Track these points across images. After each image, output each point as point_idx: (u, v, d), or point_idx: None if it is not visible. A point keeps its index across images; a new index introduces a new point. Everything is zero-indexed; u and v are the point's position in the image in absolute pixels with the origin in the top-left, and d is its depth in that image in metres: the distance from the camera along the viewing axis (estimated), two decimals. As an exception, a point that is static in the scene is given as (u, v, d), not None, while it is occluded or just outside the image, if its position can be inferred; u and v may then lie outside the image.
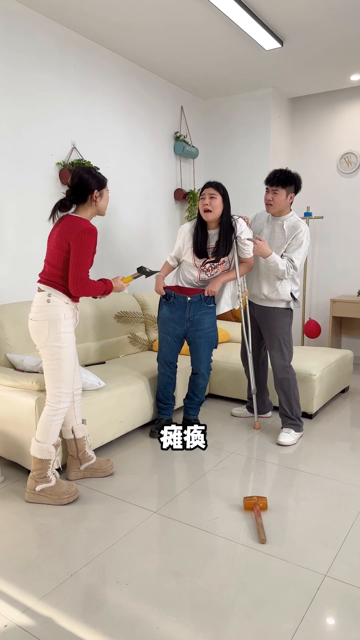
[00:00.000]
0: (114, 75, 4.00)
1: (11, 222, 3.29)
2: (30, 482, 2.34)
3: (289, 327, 3.04)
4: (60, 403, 2.31)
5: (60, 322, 2.25)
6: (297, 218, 2.94)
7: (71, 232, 2.21)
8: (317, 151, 5.14)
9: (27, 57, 3.28)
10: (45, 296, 2.26)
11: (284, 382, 3.01)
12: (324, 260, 5.23)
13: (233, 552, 1.96)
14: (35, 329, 2.27)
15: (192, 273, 2.99)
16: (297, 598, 1.70)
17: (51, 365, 2.28)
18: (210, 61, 4.11)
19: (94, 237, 2.24)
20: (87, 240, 2.21)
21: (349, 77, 4.51)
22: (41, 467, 2.31)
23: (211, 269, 2.96)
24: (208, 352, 3.08)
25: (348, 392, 4.14)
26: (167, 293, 3.00)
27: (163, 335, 3.05)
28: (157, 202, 4.61)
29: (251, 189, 4.99)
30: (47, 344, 2.26)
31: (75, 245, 2.20)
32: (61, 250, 2.24)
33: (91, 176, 2.29)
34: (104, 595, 1.72)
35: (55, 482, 2.34)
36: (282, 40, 3.72)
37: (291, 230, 2.91)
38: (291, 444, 3.00)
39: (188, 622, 1.60)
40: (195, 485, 2.52)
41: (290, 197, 2.90)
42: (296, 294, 3.03)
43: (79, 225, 2.21)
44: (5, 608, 1.66)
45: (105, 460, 2.61)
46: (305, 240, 2.89)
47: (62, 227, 2.25)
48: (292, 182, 2.87)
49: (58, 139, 3.56)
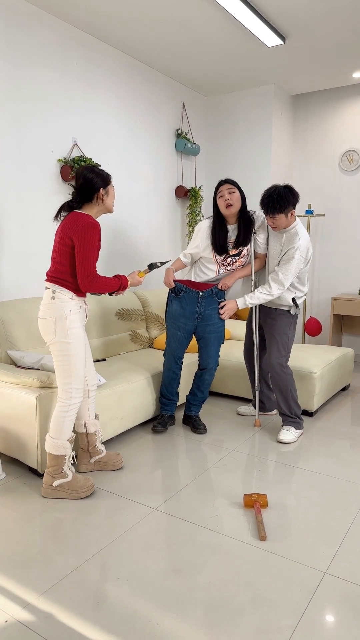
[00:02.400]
0: (116, 71, 3.99)
1: (12, 218, 3.29)
2: (46, 478, 2.34)
3: (289, 329, 3.03)
4: (71, 399, 2.31)
5: (67, 317, 2.25)
6: (297, 230, 2.86)
7: (73, 227, 2.22)
8: (319, 149, 5.13)
9: (28, 53, 3.27)
10: (50, 293, 2.27)
11: (280, 381, 3.01)
12: (325, 258, 5.23)
13: (233, 549, 1.96)
14: (44, 326, 2.29)
15: (212, 268, 2.98)
16: (297, 595, 1.71)
17: (61, 361, 2.28)
18: (212, 58, 4.10)
19: (97, 232, 2.23)
20: (89, 235, 2.21)
21: (352, 75, 4.49)
22: (57, 463, 2.32)
23: (232, 263, 2.98)
24: (217, 347, 3.08)
25: (349, 390, 4.14)
26: (177, 286, 2.99)
27: (173, 331, 3.04)
28: (158, 200, 4.61)
29: (253, 187, 4.98)
30: (55, 340, 2.26)
31: (78, 240, 2.20)
32: (64, 245, 2.25)
33: (95, 175, 2.29)
34: (105, 592, 1.73)
35: (72, 477, 2.35)
36: (285, 37, 3.71)
37: (287, 244, 2.87)
38: (291, 441, 3.00)
39: (188, 618, 1.60)
40: (195, 482, 2.52)
41: (291, 214, 2.82)
42: (300, 299, 3.02)
43: (81, 221, 2.22)
44: (6, 604, 1.67)
45: (115, 454, 2.64)
46: (297, 256, 2.82)
47: (66, 223, 2.26)
48: (287, 203, 2.75)
49: (59, 135, 3.55)
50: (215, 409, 3.59)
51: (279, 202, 2.73)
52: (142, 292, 4.07)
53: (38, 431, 2.46)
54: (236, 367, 3.67)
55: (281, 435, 3.01)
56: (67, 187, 3.64)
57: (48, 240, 3.55)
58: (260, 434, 3.16)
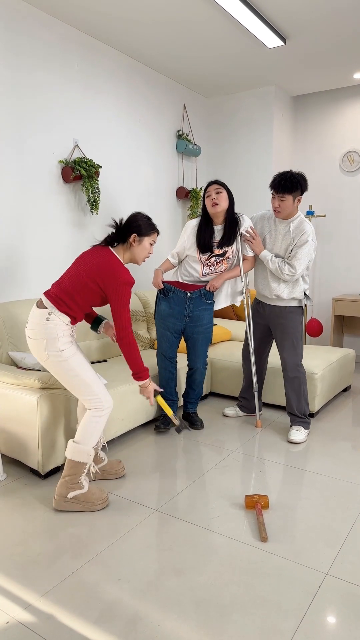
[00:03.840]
0: (117, 73, 3.99)
1: (13, 219, 3.29)
2: (61, 488, 2.23)
3: (299, 325, 3.04)
4: (103, 404, 2.24)
5: (59, 339, 2.18)
6: (303, 219, 2.93)
7: (109, 276, 2.16)
8: (319, 149, 5.13)
9: (29, 55, 3.28)
10: (45, 314, 2.19)
11: (295, 380, 3.01)
12: (326, 259, 5.23)
13: (234, 550, 1.96)
14: (35, 347, 2.21)
15: (196, 268, 3.01)
16: (298, 596, 1.70)
17: (69, 378, 2.21)
18: (213, 59, 4.11)
19: (130, 290, 2.20)
20: (126, 293, 2.18)
21: (353, 75, 4.49)
22: (75, 472, 2.22)
23: (216, 263, 2.98)
24: (205, 347, 3.12)
25: (350, 391, 4.14)
26: (165, 287, 3.01)
27: (162, 331, 3.07)
28: (159, 201, 4.61)
29: (253, 187, 4.99)
30: (50, 361, 2.19)
31: (115, 295, 2.16)
32: (88, 286, 2.19)
33: (139, 219, 2.30)
34: (106, 593, 1.72)
35: (88, 489, 2.26)
36: (285, 38, 3.71)
37: (296, 232, 2.90)
38: (302, 441, 3.00)
39: (189, 619, 1.60)
40: (196, 483, 2.52)
41: (298, 200, 2.86)
42: (307, 291, 3.06)
43: (120, 276, 2.16)
44: (7, 605, 1.67)
45: (116, 462, 2.58)
46: (311, 241, 2.87)
47: (96, 262, 2.19)
48: (298, 186, 2.81)
49: (60, 137, 3.56)
50: (216, 410, 3.59)
51: (291, 181, 2.78)
52: (143, 293, 4.07)
53: (39, 432, 2.46)
54: (237, 368, 3.67)
55: (292, 436, 3.00)
56: (68, 188, 3.64)
57: (48, 241, 3.55)
58: (262, 435, 3.15)
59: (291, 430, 3.05)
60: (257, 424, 3.26)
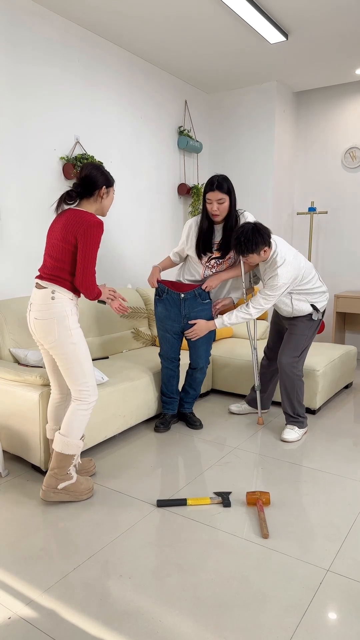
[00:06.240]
0: (118, 69, 3.98)
1: (14, 216, 3.29)
2: (49, 480, 2.26)
3: (309, 331, 2.99)
4: (91, 396, 2.26)
5: (68, 318, 2.19)
6: (276, 260, 2.77)
7: (78, 225, 2.16)
8: (321, 145, 5.11)
9: (30, 50, 3.27)
10: (49, 293, 2.18)
11: (287, 381, 3.00)
12: (327, 255, 5.21)
13: (236, 547, 1.96)
14: (43, 329, 2.19)
15: (197, 270, 2.98)
16: (299, 592, 1.71)
17: (71, 363, 2.21)
18: (214, 55, 4.09)
19: (101, 231, 2.20)
20: (95, 234, 2.17)
21: (355, 71, 4.47)
22: (65, 464, 2.25)
23: (216, 265, 2.94)
24: (207, 347, 3.08)
25: (351, 387, 4.14)
26: (159, 287, 2.98)
27: (162, 333, 3.06)
28: (160, 197, 4.60)
29: (255, 184, 4.97)
30: (58, 343, 2.18)
31: (83, 239, 2.15)
32: (68, 244, 2.17)
33: (100, 172, 2.26)
34: (107, 589, 1.73)
35: (76, 479, 2.31)
36: (287, 34, 3.69)
37: (270, 271, 2.83)
38: (295, 440, 3.00)
39: (190, 615, 1.61)
40: (198, 479, 2.52)
41: (264, 251, 2.75)
42: (321, 303, 2.97)
43: (87, 219, 2.16)
44: (9, 600, 1.68)
45: (87, 460, 2.58)
46: (281, 283, 2.77)
47: (68, 221, 2.19)
48: (257, 245, 2.68)
49: (61, 133, 3.55)
50: (218, 407, 3.59)
51: (246, 245, 2.69)
52: (145, 290, 4.07)
53: (41, 429, 2.47)
54: (239, 365, 3.67)
55: (285, 434, 3.01)
56: (69, 184, 3.64)
57: (50, 238, 3.55)
58: (263, 432, 3.16)
59: (285, 429, 3.06)
60: (258, 421, 3.26)
